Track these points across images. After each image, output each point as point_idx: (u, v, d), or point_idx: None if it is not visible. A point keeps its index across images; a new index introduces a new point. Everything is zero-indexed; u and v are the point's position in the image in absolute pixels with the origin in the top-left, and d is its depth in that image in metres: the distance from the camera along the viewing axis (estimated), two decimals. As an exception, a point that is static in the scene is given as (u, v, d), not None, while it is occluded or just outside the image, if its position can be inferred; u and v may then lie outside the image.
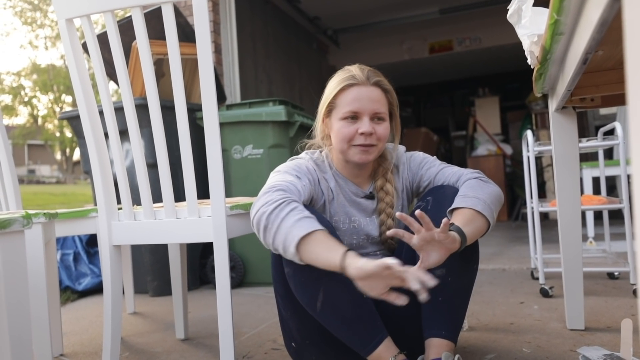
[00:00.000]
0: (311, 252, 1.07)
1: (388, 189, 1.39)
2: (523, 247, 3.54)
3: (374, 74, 1.33)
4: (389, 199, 1.38)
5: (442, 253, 1.09)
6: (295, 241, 1.07)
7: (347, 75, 1.31)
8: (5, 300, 0.97)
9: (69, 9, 1.36)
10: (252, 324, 1.98)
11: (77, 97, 1.41)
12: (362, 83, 1.29)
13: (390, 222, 1.38)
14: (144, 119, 1.72)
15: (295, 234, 1.07)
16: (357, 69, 1.33)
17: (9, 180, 1.65)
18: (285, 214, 1.11)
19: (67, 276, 2.80)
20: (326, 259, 1.06)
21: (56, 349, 1.71)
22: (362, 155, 1.30)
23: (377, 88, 1.31)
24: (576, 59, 0.94)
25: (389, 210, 1.38)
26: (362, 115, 1.28)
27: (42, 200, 9.60)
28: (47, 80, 22.98)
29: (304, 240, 1.07)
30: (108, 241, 1.44)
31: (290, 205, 1.13)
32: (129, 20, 2.55)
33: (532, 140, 2.24)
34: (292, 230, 1.08)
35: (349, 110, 1.28)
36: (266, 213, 1.13)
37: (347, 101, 1.29)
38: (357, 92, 1.29)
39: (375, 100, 1.29)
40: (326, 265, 1.07)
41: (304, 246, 1.08)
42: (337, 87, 1.31)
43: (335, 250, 1.05)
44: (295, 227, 1.08)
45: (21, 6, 22.41)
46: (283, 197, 1.15)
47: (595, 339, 1.55)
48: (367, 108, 1.28)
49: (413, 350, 1.26)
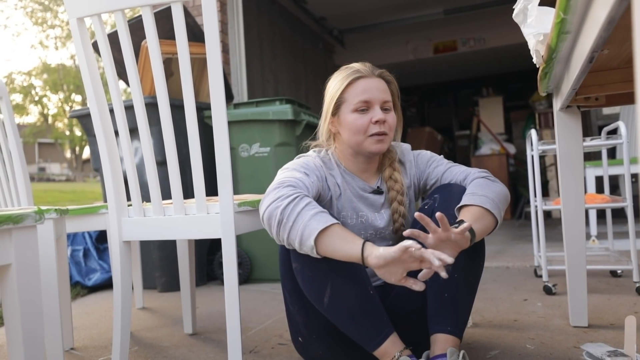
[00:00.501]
0: (329, 244, 1.10)
1: (396, 177, 1.41)
2: (526, 245, 3.55)
3: (375, 67, 1.37)
4: (399, 187, 1.40)
5: (454, 251, 1.12)
6: (314, 234, 1.09)
7: (351, 71, 1.35)
8: (18, 294, 0.99)
9: (80, 8, 1.38)
10: (258, 320, 2.00)
11: (88, 95, 1.43)
12: (368, 75, 1.33)
13: (402, 210, 1.39)
14: (152, 117, 1.74)
15: (314, 228, 1.10)
16: (359, 64, 1.37)
17: (20, 178, 1.68)
18: (301, 208, 1.13)
19: (77, 272, 2.83)
20: (345, 250, 1.09)
21: (67, 343, 1.73)
22: (378, 144, 1.32)
23: (382, 79, 1.35)
24: (582, 58, 0.95)
25: (400, 197, 1.39)
26: (374, 104, 1.32)
27: (52, 197, 9.64)
28: (57, 80, 23.10)
29: (322, 233, 1.10)
30: (118, 237, 1.46)
31: (305, 200, 1.15)
32: (137, 20, 2.57)
33: (537, 139, 2.25)
34: (310, 224, 1.10)
35: (360, 100, 1.31)
36: (280, 208, 1.14)
37: (357, 93, 1.32)
38: (366, 83, 1.32)
39: (383, 90, 1.33)
40: (346, 256, 1.10)
41: (323, 239, 1.10)
42: (344, 82, 1.34)
43: (354, 242, 1.09)
44: (313, 220, 1.11)
45: (32, 7, 22.53)
46: (296, 192, 1.17)
47: (599, 336, 1.56)
48: (378, 97, 1.32)
49: (419, 345, 1.28)
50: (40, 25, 22.96)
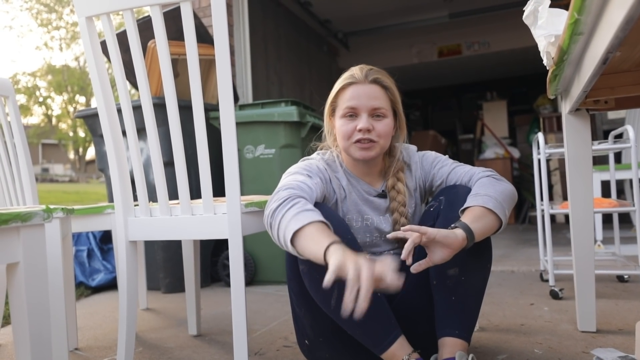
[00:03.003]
0: (301, 245, 1.08)
1: (399, 187, 1.40)
2: (531, 250, 3.54)
3: (375, 72, 1.35)
4: (401, 198, 1.39)
5: (445, 251, 1.11)
6: (290, 235, 1.08)
7: (347, 75, 1.36)
8: (26, 292, 0.99)
9: (89, 6, 1.37)
10: (263, 322, 1.99)
11: (96, 95, 1.42)
12: (359, 81, 1.33)
13: (403, 221, 1.39)
14: (158, 117, 1.73)
15: (290, 228, 1.08)
16: (358, 68, 1.37)
17: (26, 178, 1.68)
18: (286, 209, 1.13)
19: (81, 272, 2.83)
20: (311, 251, 1.05)
21: (71, 343, 1.73)
22: (362, 151, 1.32)
23: (375, 85, 1.34)
24: (595, 60, 0.94)
25: (401, 209, 1.39)
26: (360, 111, 1.32)
27: (55, 198, 9.65)
28: (61, 81, 23.23)
29: (297, 234, 1.08)
30: (124, 237, 1.45)
31: (293, 201, 1.14)
32: (144, 21, 2.58)
33: (543, 143, 2.24)
34: (289, 225, 1.09)
35: (346, 107, 1.33)
36: (272, 211, 1.16)
37: (345, 99, 1.33)
38: (354, 90, 1.33)
39: (373, 97, 1.32)
40: (313, 258, 1.05)
41: (298, 240, 1.08)
42: (337, 87, 1.37)
43: (321, 243, 1.02)
44: (292, 221, 1.09)
45: (37, 8, 22.66)
46: (288, 194, 1.17)
47: (607, 341, 1.55)
48: (365, 105, 1.31)
49: (426, 349, 1.27)
50: (45, 26, 23.09)
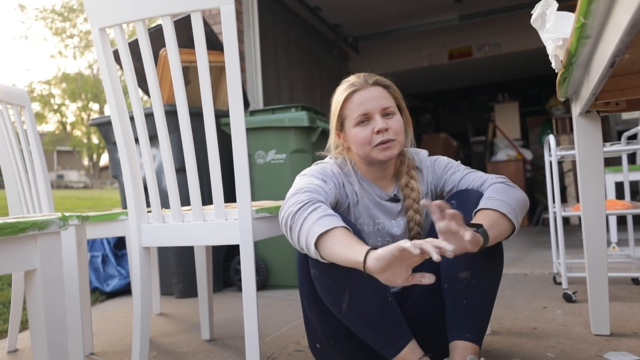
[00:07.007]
0: (329, 248, 1.09)
1: (413, 185, 1.41)
2: (544, 252, 3.51)
3: (371, 75, 1.37)
4: (415, 195, 1.40)
5: (459, 247, 1.06)
6: (314, 238, 1.09)
7: (346, 85, 1.37)
8: (43, 299, 1.01)
9: (103, 18, 1.41)
10: (275, 326, 2.00)
11: (109, 103, 1.45)
12: (362, 87, 1.34)
13: (418, 218, 1.39)
14: (170, 124, 1.76)
15: (315, 231, 1.09)
16: (354, 77, 1.38)
17: (42, 185, 1.71)
18: (308, 213, 1.14)
19: (96, 277, 2.87)
20: (345, 255, 1.06)
21: (87, 348, 1.75)
22: (385, 152, 1.32)
23: (377, 87, 1.35)
24: (603, 62, 0.95)
25: (415, 206, 1.39)
26: (373, 114, 1.32)
27: (70, 204, 9.78)
28: (75, 89, 23.59)
29: (323, 237, 1.09)
30: (138, 243, 1.48)
31: (314, 205, 1.15)
32: (154, 30, 2.61)
33: (555, 145, 2.23)
34: (312, 228, 1.10)
35: (359, 114, 1.33)
36: (292, 213, 1.16)
37: (354, 107, 1.34)
38: (360, 96, 1.33)
39: (380, 98, 1.33)
40: (345, 261, 1.07)
41: (324, 243, 1.09)
42: (341, 98, 1.36)
43: (354, 247, 1.05)
44: (316, 224, 1.10)
45: (52, 17, 23.05)
46: (309, 198, 1.18)
47: (621, 344, 1.53)
48: (375, 107, 1.32)
49: (437, 353, 1.27)
50: (59, 35, 23.46)
